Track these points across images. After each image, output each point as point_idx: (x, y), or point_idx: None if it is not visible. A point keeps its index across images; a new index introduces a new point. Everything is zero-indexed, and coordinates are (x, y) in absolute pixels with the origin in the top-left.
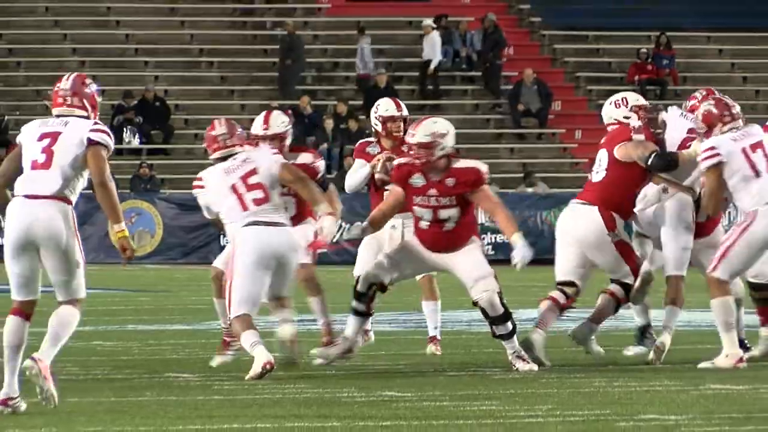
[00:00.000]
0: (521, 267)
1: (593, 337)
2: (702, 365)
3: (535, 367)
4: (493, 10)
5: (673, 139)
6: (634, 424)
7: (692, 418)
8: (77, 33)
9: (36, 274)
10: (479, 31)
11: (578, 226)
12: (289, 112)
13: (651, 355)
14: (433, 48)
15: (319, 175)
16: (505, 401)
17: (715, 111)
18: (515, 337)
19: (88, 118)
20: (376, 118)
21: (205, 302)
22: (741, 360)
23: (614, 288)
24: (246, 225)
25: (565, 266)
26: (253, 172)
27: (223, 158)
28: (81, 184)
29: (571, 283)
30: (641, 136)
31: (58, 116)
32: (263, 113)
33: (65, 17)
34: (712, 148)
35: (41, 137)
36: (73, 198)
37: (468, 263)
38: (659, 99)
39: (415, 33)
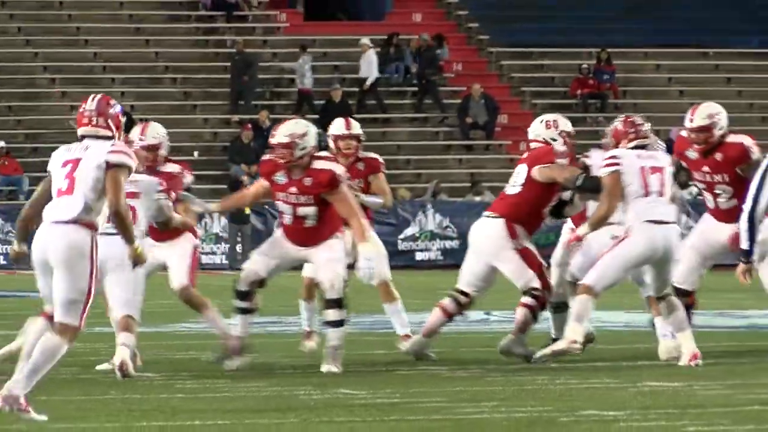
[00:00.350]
0: (368, 280)
1: (522, 343)
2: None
3: (335, 369)
4: (443, 28)
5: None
6: (575, 420)
7: (630, 413)
8: (48, 51)
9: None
10: (431, 49)
11: (482, 237)
12: (249, 125)
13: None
14: (369, 65)
15: (184, 187)
16: (452, 398)
17: (621, 128)
18: (342, 330)
19: (111, 138)
20: (328, 136)
21: (168, 306)
22: (575, 342)
23: (526, 300)
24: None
25: (467, 276)
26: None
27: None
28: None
29: (466, 294)
30: (565, 161)
31: (82, 137)
32: (142, 124)
33: (36, 37)
34: (614, 157)
35: (64, 164)
36: (98, 220)
37: (324, 256)
38: (600, 112)
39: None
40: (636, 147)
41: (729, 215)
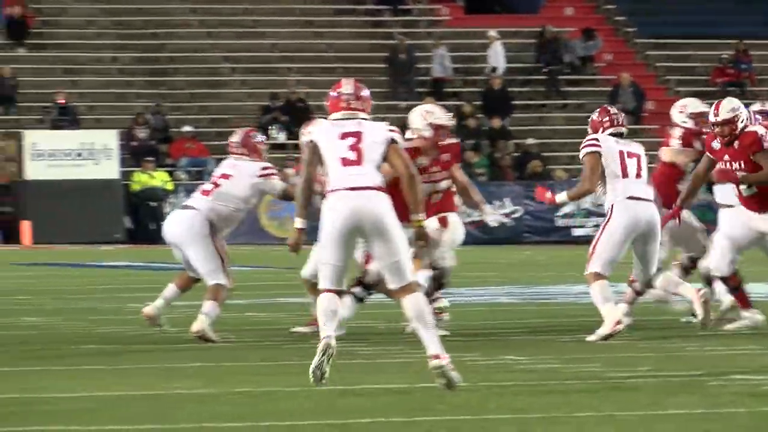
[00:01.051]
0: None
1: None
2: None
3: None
4: (592, 22)
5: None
6: (722, 384)
7: None
8: (228, 43)
9: (349, 264)
10: (581, 40)
11: None
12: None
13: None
14: (496, 56)
15: None
16: (607, 363)
17: (596, 118)
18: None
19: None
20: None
21: None
22: (619, 322)
23: None
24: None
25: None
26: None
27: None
28: None
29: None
30: (677, 143)
31: (343, 119)
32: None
33: (217, 29)
34: (595, 139)
35: (342, 136)
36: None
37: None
38: (738, 99)
39: (524, 41)
40: (612, 135)
41: (753, 203)
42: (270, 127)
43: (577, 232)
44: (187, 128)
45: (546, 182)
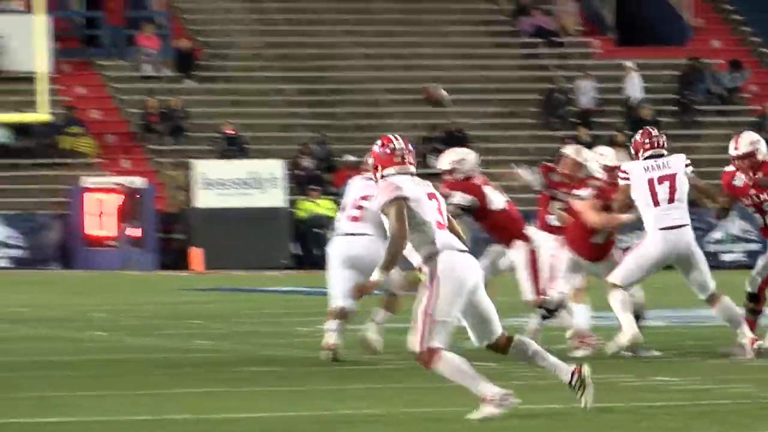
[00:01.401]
0: None
1: None
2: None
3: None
4: (739, 53)
5: None
6: None
7: None
8: (390, 75)
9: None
10: (727, 72)
11: None
12: (570, 141)
13: None
14: (633, 86)
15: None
16: (759, 384)
17: (639, 139)
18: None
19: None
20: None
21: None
22: (636, 334)
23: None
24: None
25: None
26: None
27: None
28: None
29: None
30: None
31: (401, 174)
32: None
33: (379, 61)
34: (625, 171)
35: (430, 197)
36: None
37: None
38: None
39: (672, 73)
40: (651, 156)
41: None
42: (428, 156)
43: (727, 257)
44: (350, 157)
45: None
